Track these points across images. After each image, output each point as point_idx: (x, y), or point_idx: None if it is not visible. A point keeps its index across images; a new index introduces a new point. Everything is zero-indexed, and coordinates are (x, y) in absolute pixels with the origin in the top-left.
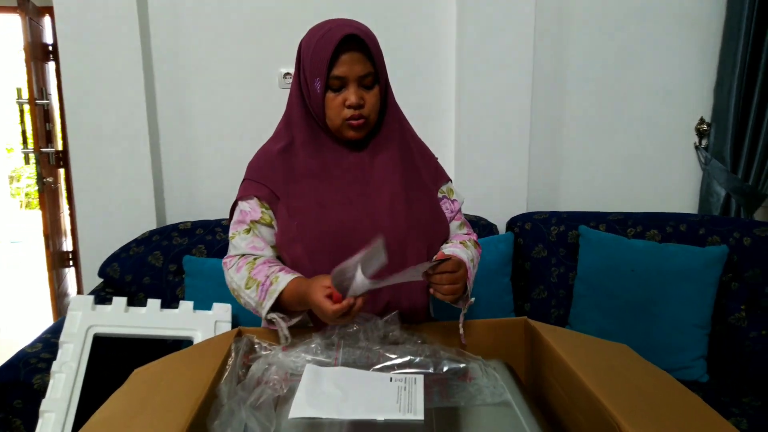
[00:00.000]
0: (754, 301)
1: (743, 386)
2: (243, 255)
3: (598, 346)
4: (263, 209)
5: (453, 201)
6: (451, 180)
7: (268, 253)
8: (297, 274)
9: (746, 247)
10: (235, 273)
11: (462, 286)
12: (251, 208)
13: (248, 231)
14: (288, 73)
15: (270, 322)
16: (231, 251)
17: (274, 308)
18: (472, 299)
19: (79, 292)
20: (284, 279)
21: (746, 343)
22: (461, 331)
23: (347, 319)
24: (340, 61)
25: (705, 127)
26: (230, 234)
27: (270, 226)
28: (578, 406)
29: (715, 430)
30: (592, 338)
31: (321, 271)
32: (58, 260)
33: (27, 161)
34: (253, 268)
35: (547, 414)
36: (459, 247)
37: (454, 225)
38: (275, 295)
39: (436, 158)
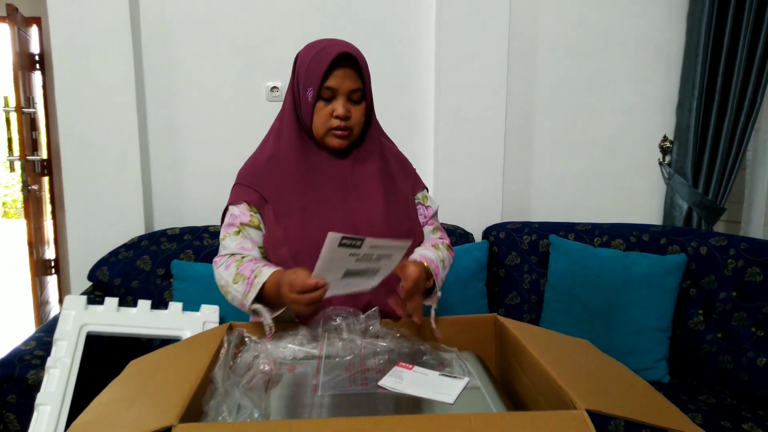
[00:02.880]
0: (710, 307)
1: (700, 385)
2: (232, 254)
3: (561, 340)
4: (252, 213)
5: (427, 207)
6: (427, 188)
7: (256, 253)
8: (279, 268)
9: (703, 255)
10: (224, 270)
11: (421, 291)
12: (240, 212)
13: (238, 233)
14: (275, 87)
15: (254, 312)
16: (221, 251)
17: (258, 300)
18: (439, 293)
19: (61, 299)
20: (267, 272)
21: (703, 345)
22: (434, 325)
23: (309, 305)
24: (333, 75)
25: (668, 144)
26: (221, 236)
27: (258, 228)
28: (540, 390)
29: (659, 407)
30: (556, 333)
31: None
32: (40, 268)
33: (12, 169)
34: (241, 265)
35: (513, 397)
36: (430, 249)
37: (427, 230)
38: (258, 287)
39: (414, 168)
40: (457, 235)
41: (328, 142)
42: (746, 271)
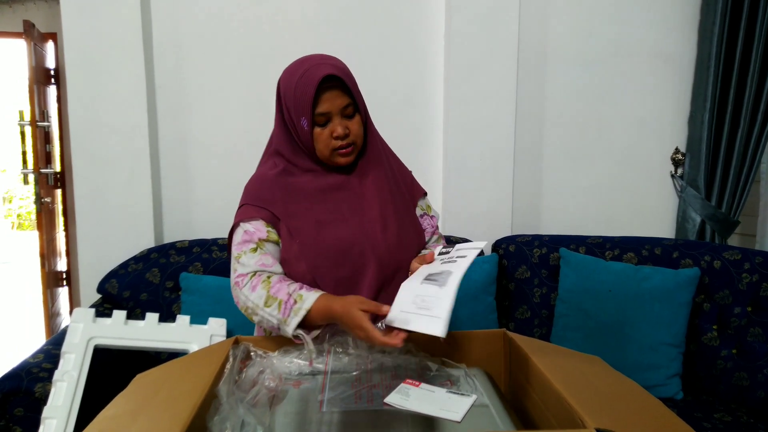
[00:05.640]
0: (725, 322)
1: (715, 402)
2: (254, 273)
3: (571, 356)
4: (269, 229)
5: (432, 217)
6: (426, 193)
7: (278, 269)
8: (321, 292)
9: (717, 269)
10: (251, 292)
11: None
12: (256, 228)
13: (255, 249)
14: None
15: (295, 337)
16: (240, 270)
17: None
18: None
19: (72, 311)
20: (309, 297)
21: (718, 361)
22: None
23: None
24: (322, 99)
25: (680, 156)
26: (235, 254)
27: (276, 243)
28: (550, 409)
29: (671, 426)
30: (566, 349)
31: (323, 285)
32: (52, 280)
33: (26, 182)
34: (271, 287)
35: (522, 416)
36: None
37: (432, 239)
38: (302, 313)
39: (410, 171)
40: None
41: (335, 161)
42: (761, 285)
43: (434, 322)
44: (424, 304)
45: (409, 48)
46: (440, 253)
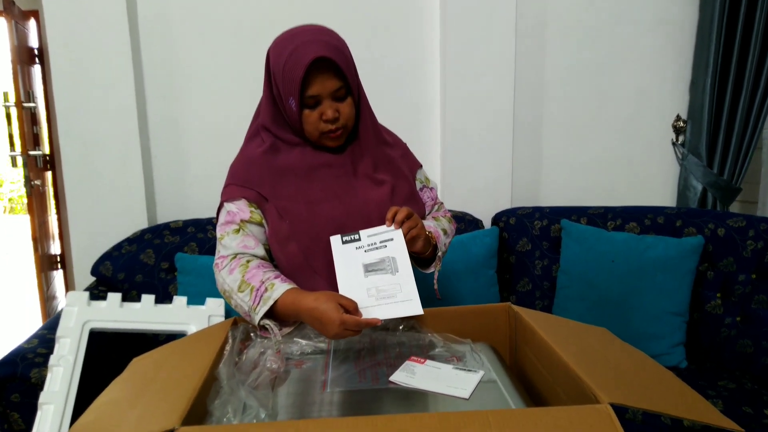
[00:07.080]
0: (729, 289)
1: (719, 370)
2: (235, 255)
3: (578, 329)
4: (252, 209)
5: (431, 189)
6: (421, 165)
7: (260, 252)
8: (293, 284)
9: (720, 237)
10: (228, 275)
11: (420, 226)
12: (239, 209)
13: (238, 231)
14: None
15: (262, 327)
16: (222, 252)
17: (266, 315)
18: (440, 253)
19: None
20: (280, 287)
21: (722, 329)
22: (436, 286)
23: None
24: (312, 82)
25: (681, 124)
26: (218, 235)
27: (260, 225)
28: (558, 382)
29: (685, 398)
30: (572, 321)
31: (317, 267)
32: (46, 263)
33: (14, 164)
34: (247, 271)
35: (529, 390)
36: (431, 221)
37: (433, 209)
38: (270, 302)
39: (405, 144)
40: (466, 222)
41: (325, 143)
42: (766, 252)
43: (410, 304)
44: (384, 293)
45: (405, 22)
46: (346, 242)
